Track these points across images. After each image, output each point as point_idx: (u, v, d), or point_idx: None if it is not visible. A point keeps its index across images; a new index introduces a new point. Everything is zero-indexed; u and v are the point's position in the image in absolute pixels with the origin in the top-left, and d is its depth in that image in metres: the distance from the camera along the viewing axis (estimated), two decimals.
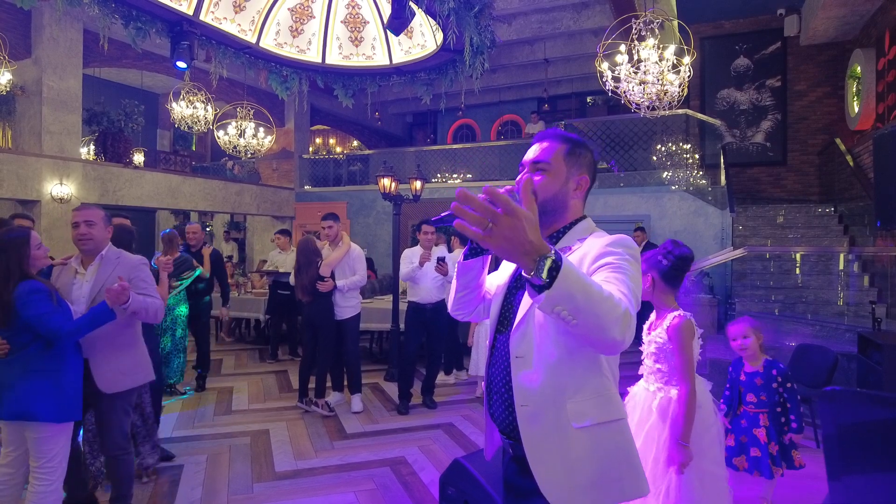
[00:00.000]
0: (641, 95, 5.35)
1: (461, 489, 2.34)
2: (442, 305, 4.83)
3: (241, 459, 3.73)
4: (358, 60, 5.33)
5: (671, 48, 5.26)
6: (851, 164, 7.38)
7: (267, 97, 10.85)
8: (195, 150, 14.70)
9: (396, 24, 4.05)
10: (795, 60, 9.16)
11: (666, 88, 5.29)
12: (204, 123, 8.93)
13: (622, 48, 5.29)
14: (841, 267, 6.50)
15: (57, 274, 2.69)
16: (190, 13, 4.40)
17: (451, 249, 6.02)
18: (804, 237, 7.54)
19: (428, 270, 4.79)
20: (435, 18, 4.44)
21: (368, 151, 13.63)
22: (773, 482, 2.81)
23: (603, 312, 1.02)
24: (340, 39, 5.24)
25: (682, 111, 8.49)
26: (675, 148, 8.73)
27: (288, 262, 6.68)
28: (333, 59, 5.27)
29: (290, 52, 5.13)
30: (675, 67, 5.29)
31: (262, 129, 9.64)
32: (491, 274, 1.59)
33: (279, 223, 11.65)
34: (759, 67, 9.43)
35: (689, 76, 5.35)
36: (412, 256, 4.88)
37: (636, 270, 1.23)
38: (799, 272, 6.83)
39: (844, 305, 6.24)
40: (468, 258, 1.45)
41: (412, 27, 4.83)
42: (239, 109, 9.40)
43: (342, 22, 5.17)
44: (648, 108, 5.51)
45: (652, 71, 5.21)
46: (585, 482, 1.27)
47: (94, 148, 9.27)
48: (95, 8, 4.01)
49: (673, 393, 2.22)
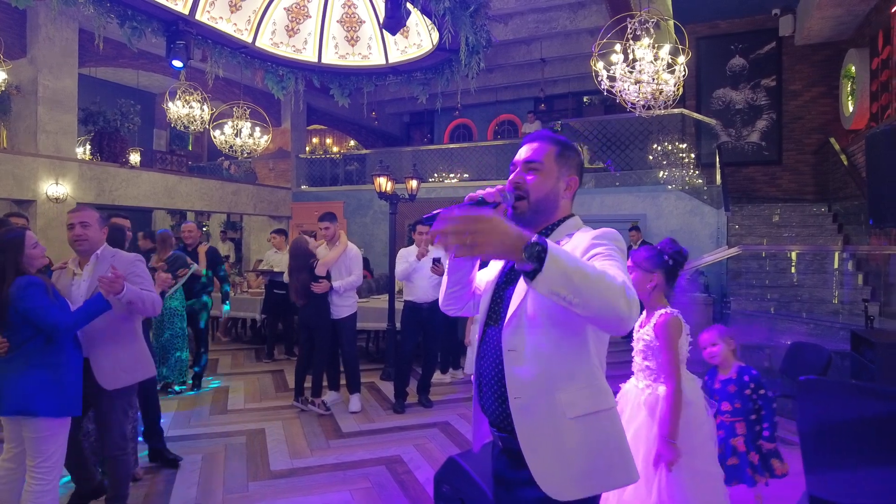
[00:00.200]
0: (636, 95, 5.37)
1: (456, 487, 2.34)
2: (438, 304, 4.82)
3: (236, 458, 3.74)
4: (354, 60, 5.33)
5: (666, 47, 5.29)
6: (846, 163, 7.41)
7: (263, 97, 10.83)
8: (191, 149, 14.67)
9: (392, 23, 4.06)
10: (790, 60, 9.21)
11: (661, 88, 5.32)
12: (200, 123, 8.92)
13: (617, 48, 5.31)
14: (835, 265, 6.53)
15: (56, 277, 2.75)
16: (185, 12, 4.39)
17: None
18: (799, 236, 7.59)
19: (424, 269, 4.80)
20: (431, 18, 4.44)
21: (365, 151, 13.64)
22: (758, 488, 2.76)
23: (604, 287, 1.07)
24: (337, 39, 5.24)
25: (677, 111, 8.53)
26: (670, 147, 8.76)
27: (284, 261, 6.64)
28: (330, 58, 5.27)
29: (286, 51, 5.13)
30: (670, 67, 5.32)
31: (258, 128, 9.63)
32: (480, 270, 1.63)
33: (276, 223, 11.64)
34: (754, 67, 9.48)
35: (684, 76, 5.38)
36: (408, 256, 4.89)
37: (623, 260, 1.29)
38: (794, 271, 6.87)
39: (839, 304, 6.27)
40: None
41: (408, 26, 4.83)
42: (235, 109, 9.39)
43: (338, 21, 5.17)
44: (644, 107, 5.54)
45: (647, 70, 5.23)
46: (579, 471, 1.30)
47: (90, 148, 9.25)
48: (91, 7, 3.99)
49: (661, 390, 2.22)
